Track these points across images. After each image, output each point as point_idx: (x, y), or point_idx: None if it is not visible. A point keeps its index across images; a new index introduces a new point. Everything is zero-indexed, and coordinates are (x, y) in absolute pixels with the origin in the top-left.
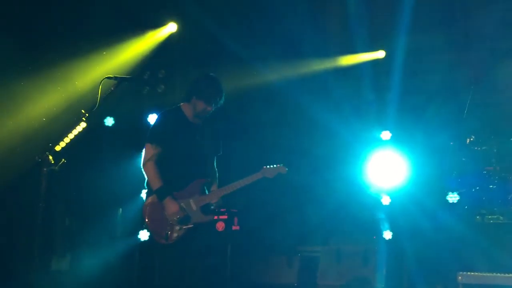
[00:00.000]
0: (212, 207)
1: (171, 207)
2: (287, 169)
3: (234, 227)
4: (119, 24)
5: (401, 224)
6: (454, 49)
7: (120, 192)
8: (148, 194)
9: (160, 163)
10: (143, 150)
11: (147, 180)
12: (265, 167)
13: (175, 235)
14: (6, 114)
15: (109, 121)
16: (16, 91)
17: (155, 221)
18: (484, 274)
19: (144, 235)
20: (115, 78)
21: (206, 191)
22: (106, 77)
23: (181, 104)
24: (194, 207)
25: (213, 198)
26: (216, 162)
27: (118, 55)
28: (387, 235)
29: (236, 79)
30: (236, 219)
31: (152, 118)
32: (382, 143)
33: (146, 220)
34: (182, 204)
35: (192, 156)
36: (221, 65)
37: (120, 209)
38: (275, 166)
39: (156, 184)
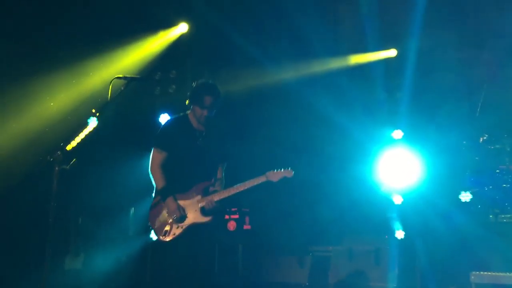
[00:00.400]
0: (212, 207)
1: (171, 206)
2: (293, 172)
3: (245, 226)
4: (130, 24)
5: (414, 224)
6: (466, 48)
7: (132, 192)
8: (155, 195)
9: (165, 167)
10: (151, 154)
11: (154, 183)
12: (270, 171)
13: (173, 233)
14: (19, 113)
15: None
16: (27, 91)
17: (157, 219)
18: (497, 273)
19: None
20: (125, 78)
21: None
22: (116, 77)
23: (188, 112)
24: (194, 208)
25: (214, 199)
26: (224, 170)
27: (129, 55)
28: (399, 234)
29: (248, 79)
30: (247, 219)
31: (163, 118)
32: (394, 142)
33: (150, 217)
34: (181, 204)
35: (195, 161)
36: (232, 65)
37: (133, 209)
38: (280, 170)
39: (160, 185)
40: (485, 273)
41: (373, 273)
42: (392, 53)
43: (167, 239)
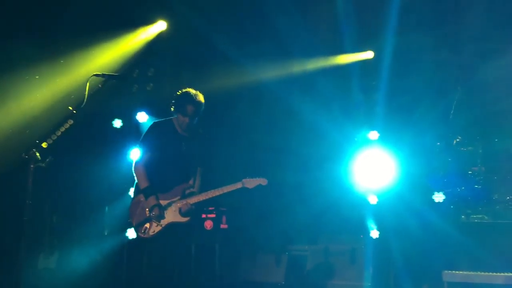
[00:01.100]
0: (189, 209)
1: (152, 204)
2: (267, 181)
3: (222, 226)
4: (108, 22)
5: (388, 223)
6: (441, 50)
7: (107, 190)
8: (135, 193)
9: (149, 167)
10: (135, 154)
11: (136, 181)
12: (246, 178)
13: (151, 230)
14: None
15: (117, 123)
16: (1, 88)
17: (138, 216)
18: (469, 272)
19: (131, 233)
20: (103, 75)
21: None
22: (94, 75)
23: (173, 118)
24: (173, 208)
25: (190, 202)
26: (201, 175)
27: (107, 53)
28: (374, 234)
29: (225, 78)
30: (224, 218)
31: (141, 116)
32: (370, 142)
33: (131, 214)
34: (161, 203)
35: (177, 164)
36: (211, 64)
37: (107, 207)
38: (256, 178)
39: (144, 184)
40: (457, 272)
41: (349, 272)
42: (369, 54)
43: (146, 236)
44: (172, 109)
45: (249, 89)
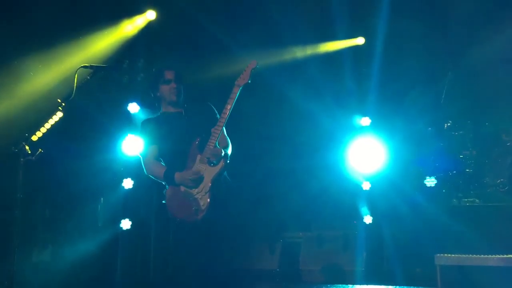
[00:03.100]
0: (215, 153)
1: (183, 176)
2: (256, 61)
3: None
4: (96, 12)
5: (381, 209)
6: (432, 36)
7: (101, 182)
8: (164, 191)
9: (161, 158)
10: (141, 161)
11: (157, 178)
12: (236, 80)
13: (202, 204)
14: None
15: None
16: None
17: (180, 209)
18: (461, 255)
19: (126, 224)
20: (91, 67)
21: None
22: (82, 66)
23: (161, 111)
24: (202, 167)
25: (210, 146)
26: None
27: (95, 44)
28: (368, 219)
29: (217, 67)
30: None
31: (132, 107)
32: (362, 129)
33: (172, 212)
34: (192, 170)
35: (186, 136)
36: (201, 53)
37: (102, 199)
38: (244, 69)
39: (161, 172)
40: (449, 255)
41: (342, 257)
42: (360, 41)
43: (202, 215)
44: (153, 97)
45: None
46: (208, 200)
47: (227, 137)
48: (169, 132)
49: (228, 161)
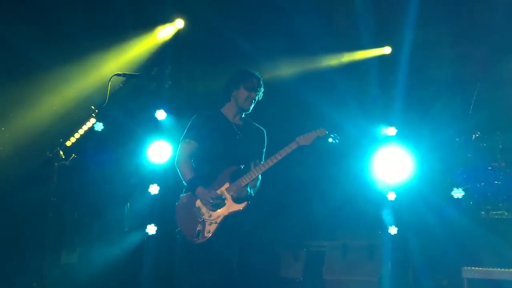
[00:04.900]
0: (241, 192)
1: (205, 193)
2: (326, 130)
3: None
4: (127, 21)
5: (407, 220)
6: (460, 44)
7: (128, 187)
8: (181, 195)
9: (196, 159)
10: (178, 149)
11: (181, 176)
12: (299, 136)
13: (206, 231)
14: (19, 110)
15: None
16: (28, 88)
17: (185, 221)
18: (489, 269)
19: (151, 229)
20: (124, 75)
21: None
22: (115, 74)
23: (221, 108)
24: (225, 195)
25: (242, 183)
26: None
27: (127, 52)
28: (393, 230)
29: None
30: None
31: (159, 114)
32: (388, 139)
33: (178, 221)
34: (216, 191)
35: (228, 153)
36: (227, 61)
37: (128, 204)
38: (311, 132)
39: (188, 176)
40: (477, 268)
41: (367, 267)
42: (386, 50)
43: (202, 240)
44: (226, 91)
45: (265, 86)
46: (214, 230)
47: (260, 179)
48: (216, 139)
49: (250, 202)
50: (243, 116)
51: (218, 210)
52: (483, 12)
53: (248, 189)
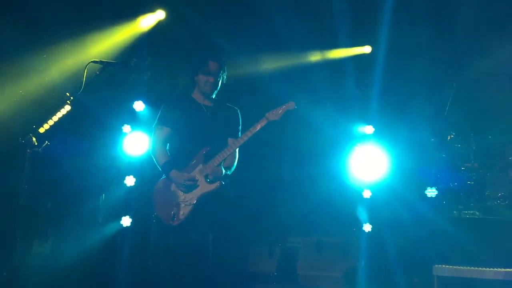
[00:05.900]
0: (215, 172)
1: (178, 176)
2: (295, 103)
3: None
4: (105, 9)
5: (381, 217)
6: (437, 46)
7: (103, 179)
8: (159, 180)
9: (170, 144)
10: (152, 137)
11: (156, 163)
12: (269, 112)
13: (181, 213)
14: None
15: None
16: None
17: (162, 205)
18: (459, 267)
19: (126, 221)
20: (101, 62)
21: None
22: (92, 61)
23: (192, 94)
24: (199, 176)
25: (215, 163)
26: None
27: (105, 41)
28: (367, 227)
29: None
30: None
31: (137, 105)
32: (365, 137)
33: (155, 206)
34: (189, 174)
35: (200, 134)
36: (207, 55)
37: (103, 195)
38: (280, 106)
39: (162, 161)
40: (447, 266)
41: (341, 264)
42: (367, 49)
43: (176, 223)
44: (190, 78)
45: (243, 83)
46: (188, 212)
47: (236, 157)
48: (187, 121)
49: (225, 182)
50: (214, 97)
51: (192, 192)
52: (460, 13)
53: (223, 169)
